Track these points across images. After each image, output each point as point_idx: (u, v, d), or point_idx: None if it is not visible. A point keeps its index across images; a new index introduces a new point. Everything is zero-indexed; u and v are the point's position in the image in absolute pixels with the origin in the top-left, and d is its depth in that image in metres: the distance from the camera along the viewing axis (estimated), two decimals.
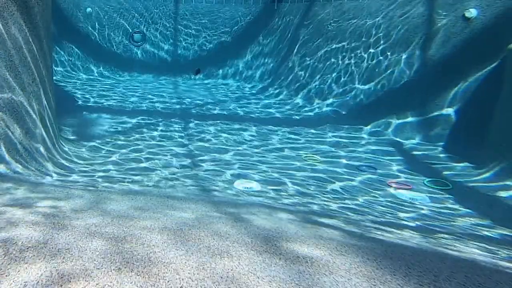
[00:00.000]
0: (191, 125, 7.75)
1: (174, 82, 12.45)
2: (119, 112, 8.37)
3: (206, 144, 6.62)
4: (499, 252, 3.02)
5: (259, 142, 6.97)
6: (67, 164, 4.90)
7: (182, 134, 7.12)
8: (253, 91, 11.37)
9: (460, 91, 6.87)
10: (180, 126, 7.61)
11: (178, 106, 9.25)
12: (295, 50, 10.91)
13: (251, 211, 3.24)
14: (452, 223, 4.10)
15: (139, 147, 6.24)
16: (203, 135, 7.11)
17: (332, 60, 9.55)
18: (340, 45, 9.55)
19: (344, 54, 9.34)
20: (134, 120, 7.76)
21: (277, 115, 8.89)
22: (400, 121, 7.45)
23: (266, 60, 12.29)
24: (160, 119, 7.93)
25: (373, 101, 8.17)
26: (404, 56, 7.98)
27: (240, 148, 6.55)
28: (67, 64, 12.33)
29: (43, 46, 4.98)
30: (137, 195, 3.39)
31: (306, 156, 6.24)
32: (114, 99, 9.53)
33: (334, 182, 5.23)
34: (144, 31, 13.22)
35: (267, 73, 11.89)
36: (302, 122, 8.28)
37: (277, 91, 10.64)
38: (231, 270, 1.90)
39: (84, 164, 5.17)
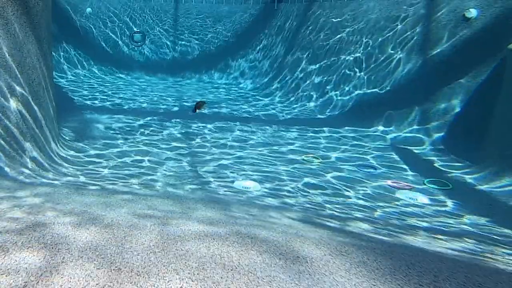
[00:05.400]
0: (194, 125, 7.76)
1: (173, 83, 12.45)
2: (119, 112, 8.36)
3: (207, 144, 6.62)
4: (498, 251, 3.03)
5: (261, 142, 6.97)
6: (66, 164, 4.90)
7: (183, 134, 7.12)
8: (253, 91, 11.37)
9: (460, 91, 6.87)
10: (181, 126, 7.61)
11: (178, 106, 9.25)
12: (295, 50, 10.91)
13: (251, 210, 3.24)
14: (452, 222, 4.09)
15: (141, 147, 6.24)
16: (201, 134, 7.13)
17: (333, 60, 9.55)
18: (340, 45, 9.55)
19: (344, 54, 9.34)
20: (136, 121, 7.76)
21: (278, 115, 8.89)
22: (400, 121, 7.45)
23: (266, 60, 12.29)
24: (163, 119, 7.93)
25: (373, 102, 8.17)
26: (404, 57, 7.98)
27: (246, 148, 6.56)
28: (67, 64, 12.33)
29: (43, 46, 4.98)
30: (137, 195, 3.40)
31: (306, 157, 6.23)
32: (114, 99, 9.53)
33: (334, 182, 5.23)
34: (144, 31, 13.21)
35: (267, 73, 11.89)
36: (301, 122, 8.28)
37: (277, 91, 10.64)
38: (231, 270, 1.90)
39: (83, 164, 5.17)
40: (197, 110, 6.19)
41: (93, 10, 12.88)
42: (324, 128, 7.86)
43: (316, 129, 7.84)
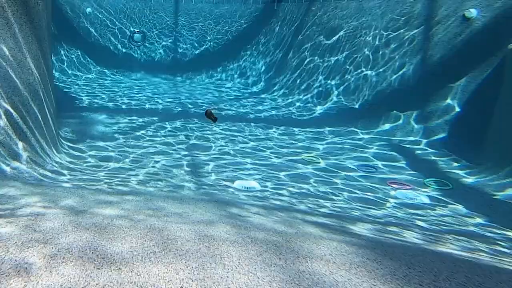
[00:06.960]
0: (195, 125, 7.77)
1: (173, 83, 12.45)
2: (119, 112, 8.36)
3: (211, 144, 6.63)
4: (498, 251, 3.02)
5: (256, 142, 6.97)
6: (66, 164, 4.90)
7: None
8: (253, 91, 11.36)
9: (460, 91, 6.87)
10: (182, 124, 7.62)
11: (178, 106, 9.26)
12: (295, 50, 10.91)
13: (250, 211, 3.24)
14: (451, 222, 4.09)
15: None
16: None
17: (332, 60, 9.55)
18: (340, 45, 9.55)
19: (344, 54, 9.34)
20: (135, 121, 7.76)
21: (277, 114, 8.89)
22: (400, 121, 7.45)
23: (266, 60, 12.29)
24: (167, 119, 7.93)
25: (373, 101, 8.16)
26: (404, 56, 7.98)
27: (240, 147, 6.56)
28: (67, 65, 12.32)
29: (43, 46, 4.98)
30: (137, 195, 3.40)
31: (307, 157, 6.23)
32: (114, 99, 9.53)
33: (334, 182, 5.23)
34: (144, 31, 13.21)
35: (267, 73, 11.89)
36: (301, 122, 8.28)
37: (276, 91, 10.64)
38: (231, 270, 1.90)
39: (82, 163, 5.17)
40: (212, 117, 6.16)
41: (92, 10, 12.88)
42: (323, 127, 7.85)
43: (316, 128, 7.84)
